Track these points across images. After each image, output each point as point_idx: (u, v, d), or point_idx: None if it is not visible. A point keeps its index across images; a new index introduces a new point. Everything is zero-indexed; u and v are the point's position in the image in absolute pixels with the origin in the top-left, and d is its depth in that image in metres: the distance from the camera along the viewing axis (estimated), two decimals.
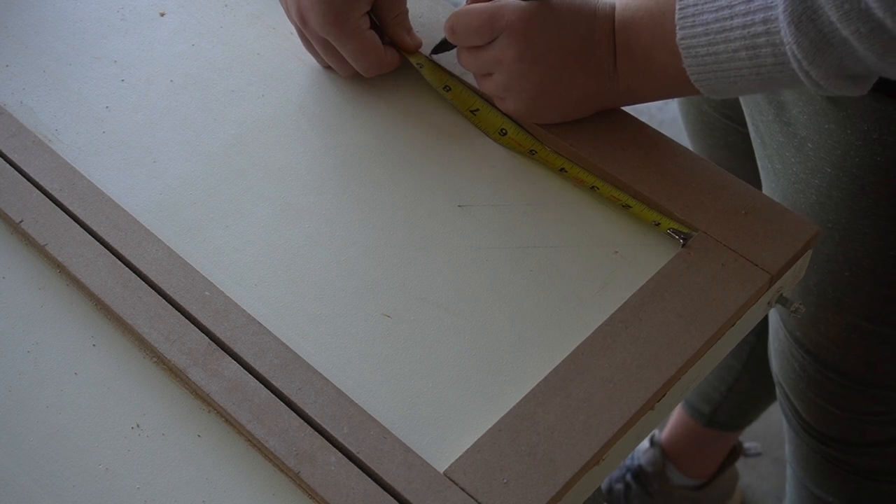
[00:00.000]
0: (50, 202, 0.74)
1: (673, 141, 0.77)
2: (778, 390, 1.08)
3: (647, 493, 1.44)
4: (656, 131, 0.78)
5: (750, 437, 1.55)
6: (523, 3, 0.73)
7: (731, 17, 0.65)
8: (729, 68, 0.67)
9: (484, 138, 0.79)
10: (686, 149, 0.77)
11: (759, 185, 0.94)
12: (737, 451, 1.45)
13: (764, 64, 0.66)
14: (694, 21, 0.67)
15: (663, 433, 1.45)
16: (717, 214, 0.73)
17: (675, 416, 1.43)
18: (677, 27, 0.68)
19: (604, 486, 1.45)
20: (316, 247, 0.73)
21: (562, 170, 0.76)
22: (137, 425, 0.66)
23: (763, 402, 1.35)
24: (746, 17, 0.65)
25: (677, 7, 0.68)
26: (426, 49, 0.82)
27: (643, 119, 0.78)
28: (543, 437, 0.63)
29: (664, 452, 1.44)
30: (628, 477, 1.45)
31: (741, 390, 1.31)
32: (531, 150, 0.77)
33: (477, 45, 0.75)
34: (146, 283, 0.70)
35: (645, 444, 1.45)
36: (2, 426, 0.66)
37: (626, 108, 0.79)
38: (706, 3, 0.67)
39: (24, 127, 0.79)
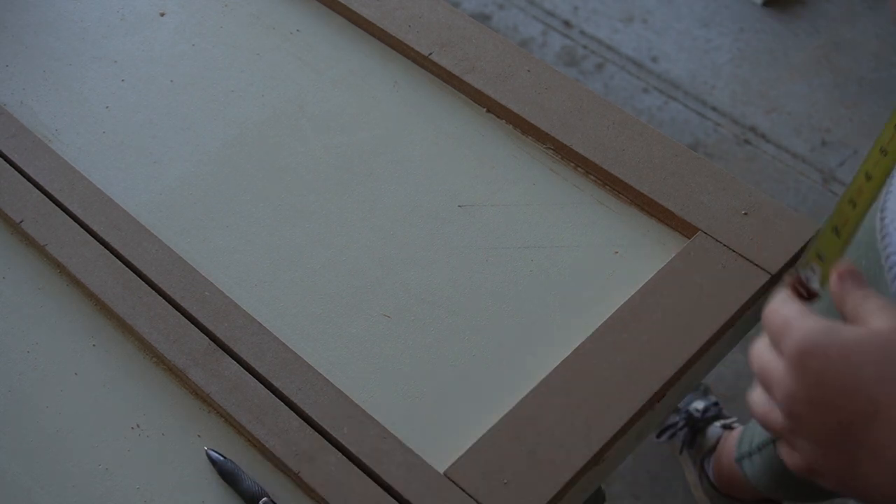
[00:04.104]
0: (50, 202, 0.74)
1: (673, 141, 0.77)
2: None
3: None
4: (657, 131, 0.78)
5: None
6: (820, 323, 0.49)
7: None
8: None
9: (484, 137, 0.79)
10: (686, 148, 0.77)
11: None
12: None
13: None
14: None
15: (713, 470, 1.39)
16: (717, 214, 0.73)
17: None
18: None
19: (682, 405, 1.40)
20: (316, 247, 0.73)
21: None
22: (137, 425, 0.66)
23: None
24: None
25: None
26: None
27: (643, 119, 0.78)
28: (543, 437, 0.63)
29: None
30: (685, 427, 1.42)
31: None
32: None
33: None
34: (146, 283, 0.70)
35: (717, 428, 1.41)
36: (2, 426, 0.66)
37: (626, 108, 0.79)
38: None
39: (24, 127, 0.79)
